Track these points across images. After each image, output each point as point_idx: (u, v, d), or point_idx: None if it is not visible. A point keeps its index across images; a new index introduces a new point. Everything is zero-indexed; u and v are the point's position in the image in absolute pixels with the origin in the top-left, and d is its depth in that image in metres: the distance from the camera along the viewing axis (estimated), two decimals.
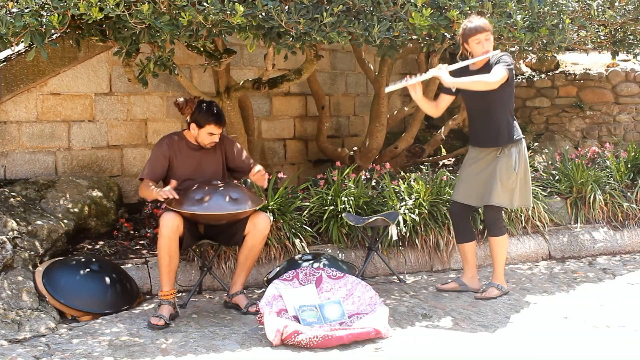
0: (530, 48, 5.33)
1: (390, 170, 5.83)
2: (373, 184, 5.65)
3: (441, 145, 7.45)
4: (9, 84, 5.40)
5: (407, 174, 5.72)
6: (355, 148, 6.74)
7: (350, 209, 5.23)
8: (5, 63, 5.39)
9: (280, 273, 4.53)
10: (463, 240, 4.73)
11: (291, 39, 4.19)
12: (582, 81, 7.90)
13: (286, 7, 4.02)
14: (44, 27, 3.80)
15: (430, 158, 7.20)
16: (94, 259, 4.50)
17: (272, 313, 3.87)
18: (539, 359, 3.52)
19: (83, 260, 4.45)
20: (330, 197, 5.28)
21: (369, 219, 4.94)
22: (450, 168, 6.96)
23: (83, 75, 5.75)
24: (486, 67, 4.37)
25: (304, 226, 5.17)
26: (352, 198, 5.28)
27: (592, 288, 4.83)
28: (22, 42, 3.86)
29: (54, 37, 4.66)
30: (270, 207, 5.02)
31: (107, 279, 4.38)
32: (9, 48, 4.00)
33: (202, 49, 4.87)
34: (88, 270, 4.36)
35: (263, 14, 3.98)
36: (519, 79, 8.13)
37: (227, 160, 4.55)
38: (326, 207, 5.25)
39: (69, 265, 4.41)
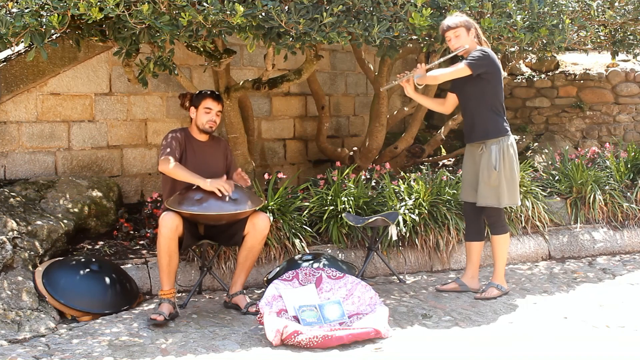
0: (530, 48, 5.33)
1: (390, 171, 5.83)
2: (373, 184, 5.65)
3: (441, 145, 7.45)
4: (9, 84, 5.39)
5: (407, 174, 5.72)
6: (355, 148, 6.74)
7: (350, 209, 5.22)
8: (5, 63, 5.39)
9: (280, 273, 4.53)
10: (470, 238, 4.73)
11: (291, 39, 4.19)
12: (582, 81, 7.90)
13: (286, 7, 4.02)
14: (44, 27, 3.79)
15: (430, 158, 7.20)
16: (93, 259, 4.50)
17: (272, 313, 3.87)
18: (538, 359, 3.52)
19: (83, 260, 4.45)
20: (330, 197, 5.28)
21: (369, 219, 4.93)
22: (450, 168, 6.96)
23: (83, 75, 5.75)
24: None
25: (304, 226, 5.17)
26: (352, 198, 5.28)
27: (592, 288, 4.83)
28: (22, 42, 3.86)
29: (53, 37, 4.66)
30: (270, 207, 5.02)
31: (107, 279, 4.38)
32: (9, 48, 4.00)
33: (202, 49, 4.87)
34: (88, 270, 4.36)
35: (263, 14, 3.98)
36: (518, 79, 8.13)
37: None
38: (326, 207, 5.25)
39: (68, 265, 4.40)
